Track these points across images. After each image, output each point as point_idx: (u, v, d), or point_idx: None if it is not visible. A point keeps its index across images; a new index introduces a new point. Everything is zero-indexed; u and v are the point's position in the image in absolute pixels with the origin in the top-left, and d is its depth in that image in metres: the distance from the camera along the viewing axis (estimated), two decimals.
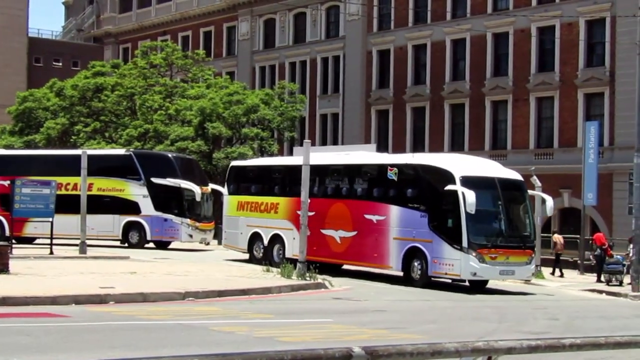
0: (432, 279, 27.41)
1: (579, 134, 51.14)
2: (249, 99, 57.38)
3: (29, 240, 40.20)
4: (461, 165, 27.90)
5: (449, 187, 26.11)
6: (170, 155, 44.64)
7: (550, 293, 28.84)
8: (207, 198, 42.44)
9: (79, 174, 39.92)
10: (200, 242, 42.05)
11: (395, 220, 28.37)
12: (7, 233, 40.52)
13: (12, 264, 23.89)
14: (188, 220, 40.44)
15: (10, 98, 68.26)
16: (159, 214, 40.51)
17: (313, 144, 49.17)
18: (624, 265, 33.17)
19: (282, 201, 32.90)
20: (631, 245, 31.66)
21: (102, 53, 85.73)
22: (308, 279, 26.22)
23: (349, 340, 12.96)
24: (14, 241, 39.41)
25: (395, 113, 65.47)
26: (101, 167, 41.79)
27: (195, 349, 11.77)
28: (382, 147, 57.13)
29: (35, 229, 40.20)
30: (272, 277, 26.42)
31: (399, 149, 58.85)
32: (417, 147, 58.57)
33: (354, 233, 29.75)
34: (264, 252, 33.00)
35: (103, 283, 21.11)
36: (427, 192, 27.98)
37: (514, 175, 28.81)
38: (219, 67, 72.04)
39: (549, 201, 30.77)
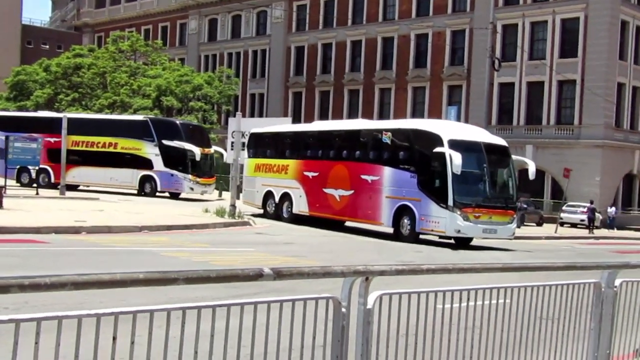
0: (420, 235, 23.56)
1: (443, 114, 51.89)
2: (196, 80, 57.01)
3: (74, 187, 38.65)
4: (450, 129, 23.85)
5: (437, 149, 22.10)
6: (177, 122, 42.08)
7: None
8: (209, 158, 39.97)
9: (97, 134, 39.77)
10: (201, 194, 39.56)
11: (388, 180, 24.24)
12: (53, 180, 39.48)
13: (5, 202, 23.23)
14: (190, 176, 38.12)
15: (7, 71, 66.33)
16: (167, 169, 38.23)
17: (244, 116, 48.74)
18: None
19: (291, 163, 28.81)
20: None
21: (81, 39, 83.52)
22: (237, 218, 26.06)
23: (264, 264, 12.99)
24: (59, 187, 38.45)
25: (307, 95, 65.44)
26: (124, 129, 40.07)
27: (146, 269, 11.60)
28: (295, 121, 57.02)
29: (73, 178, 39.06)
30: (209, 216, 26.16)
31: (309, 122, 58.72)
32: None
33: (351, 192, 25.71)
34: (275, 208, 29.17)
35: (77, 217, 20.67)
36: (417, 154, 23.63)
37: (499, 140, 24.58)
38: (172, 54, 70.93)
39: (532, 166, 24.99)
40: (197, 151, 37.16)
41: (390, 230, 24.31)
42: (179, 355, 3.61)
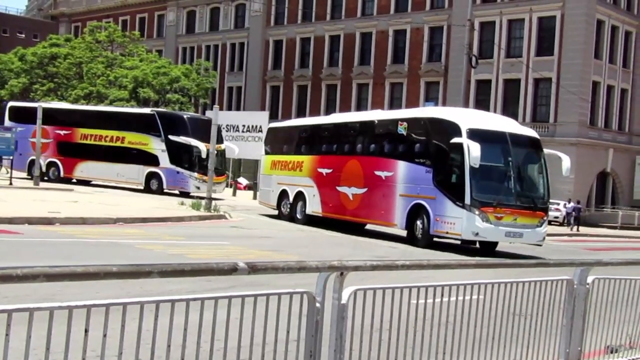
0: (435, 238, 20.57)
1: None
2: (173, 72, 56.71)
3: (86, 182, 38.09)
4: (470, 117, 20.81)
5: (455, 139, 19.26)
6: (184, 115, 39.37)
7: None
8: (219, 154, 36.88)
9: (105, 128, 38.19)
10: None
11: (402, 176, 21.40)
12: (62, 174, 38.82)
13: None
14: (195, 174, 35.63)
15: None
16: (173, 167, 35.96)
17: (221, 109, 48.52)
18: None
19: (306, 159, 26.34)
20: None
21: (58, 29, 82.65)
22: (213, 211, 25.93)
23: (240, 258, 12.95)
24: (74, 180, 38.01)
25: (285, 89, 65.33)
26: (131, 123, 38.08)
27: (120, 261, 11.49)
28: (273, 115, 57.12)
29: (81, 172, 38.38)
30: (185, 209, 26.00)
31: (287, 116, 58.80)
32: (300, 115, 58.50)
33: (364, 190, 22.87)
34: (289, 209, 26.71)
35: (51, 208, 20.47)
36: (433, 146, 20.74)
37: (529, 131, 21.61)
38: (150, 45, 70.42)
39: (566, 160, 21.00)
40: (202, 147, 33.93)
41: (404, 233, 21.67)
42: (151, 349, 3.59)
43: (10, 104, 43.64)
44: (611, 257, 7.52)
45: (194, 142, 35.23)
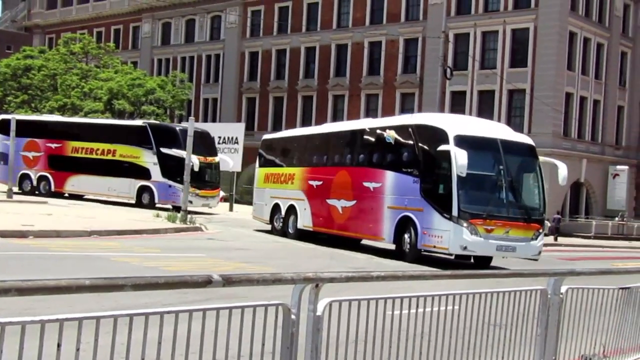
0: (425, 253, 19.69)
1: None
2: (148, 84, 56.37)
3: (79, 197, 37.64)
4: (459, 123, 19.61)
5: (442, 147, 18.17)
6: (176, 128, 37.74)
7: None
8: (213, 167, 36.67)
9: (96, 140, 37.52)
10: (203, 206, 35.79)
11: (390, 187, 20.37)
12: (53, 187, 38.22)
13: None
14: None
15: None
16: (165, 180, 35.09)
17: (197, 121, 48.33)
18: None
19: (297, 171, 25.50)
20: None
21: (32, 40, 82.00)
22: (189, 223, 25.82)
23: (215, 270, 12.83)
24: (67, 195, 37.52)
25: (261, 100, 65.31)
26: (122, 136, 37.19)
27: (96, 274, 11.26)
28: (249, 127, 57.11)
29: (72, 187, 37.79)
30: (161, 221, 25.89)
31: (263, 128, 58.78)
32: (276, 127, 58.46)
33: (353, 202, 21.91)
34: (282, 223, 25.76)
35: (24, 221, 20.24)
36: (420, 154, 19.50)
37: (523, 138, 20.46)
38: (125, 57, 70.07)
39: (562, 169, 20.27)
40: (195, 160, 32.23)
41: (393, 246, 20.62)
42: None
43: (0, 116, 43.14)
44: (584, 267, 7.59)
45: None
